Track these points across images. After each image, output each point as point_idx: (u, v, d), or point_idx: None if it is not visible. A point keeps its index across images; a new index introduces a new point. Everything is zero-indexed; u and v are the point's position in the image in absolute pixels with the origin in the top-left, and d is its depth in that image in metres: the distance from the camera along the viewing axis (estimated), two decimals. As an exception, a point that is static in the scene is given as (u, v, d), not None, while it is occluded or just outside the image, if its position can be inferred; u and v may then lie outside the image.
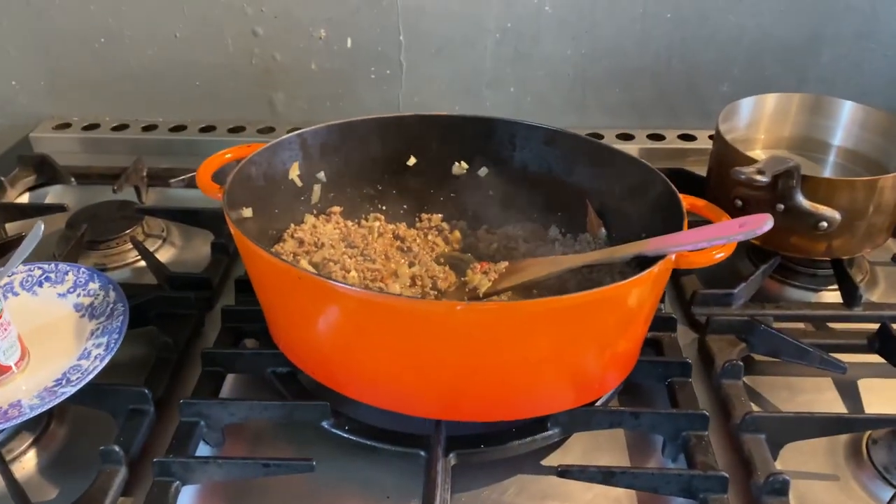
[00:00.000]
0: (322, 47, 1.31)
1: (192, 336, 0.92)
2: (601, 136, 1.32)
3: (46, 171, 1.25)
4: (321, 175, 0.97)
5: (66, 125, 1.38)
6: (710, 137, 1.30)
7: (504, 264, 0.87)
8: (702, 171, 1.18)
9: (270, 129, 1.36)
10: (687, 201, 0.79)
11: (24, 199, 1.23)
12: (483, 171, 1.00)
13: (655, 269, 0.68)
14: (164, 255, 1.11)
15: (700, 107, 1.33)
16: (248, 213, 0.86)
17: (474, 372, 0.71)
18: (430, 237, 0.99)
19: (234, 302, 0.97)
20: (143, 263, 1.04)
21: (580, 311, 0.67)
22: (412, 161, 1.00)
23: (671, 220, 0.78)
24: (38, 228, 0.74)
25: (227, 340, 0.90)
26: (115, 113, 1.39)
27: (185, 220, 1.12)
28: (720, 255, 0.71)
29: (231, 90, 1.35)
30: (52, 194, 1.24)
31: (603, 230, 0.91)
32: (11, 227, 1.14)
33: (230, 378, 0.87)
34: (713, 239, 0.67)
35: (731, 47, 1.28)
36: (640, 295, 0.70)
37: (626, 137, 1.33)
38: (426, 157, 1.00)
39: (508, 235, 0.98)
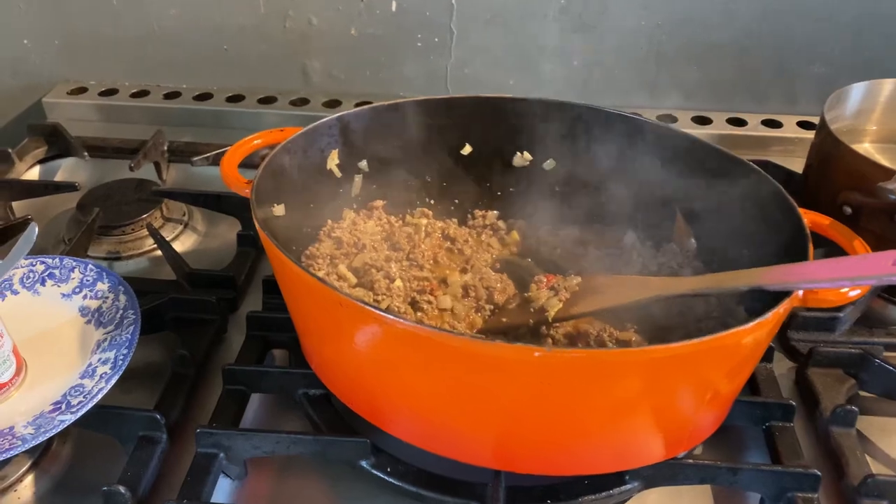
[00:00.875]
0: (363, 10, 1.17)
1: (212, 346, 0.81)
2: (674, 119, 1.18)
3: (58, 143, 1.13)
4: (363, 164, 0.84)
5: (82, 90, 1.27)
6: (800, 125, 1.16)
7: (576, 279, 0.74)
8: (788, 163, 1.03)
9: (304, 101, 1.23)
10: (807, 217, 0.65)
11: (34, 172, 1.12)
12: (549, 164, 0.86)
13: (781, 309, 0.55)
14: (185, 242, 1.00)
15: (788, 89, 1.17)
16: (279, 210, 0.74)
17: (545, 421, 0.59)
18: (483, 237, 0.86)
19: (262, 305, 0.85)
20: (161, 252, 0.93)
21: (685, 361, 0.54)
22: (467, 149, 0.87)
23: (787, 242, 0.65)
24: (32, 232, 0.63)
25: (252, 351, 0.79)
26: (135, 78, 1.27)
27: (208, 206, 1.00)
28: (856, 293, 0.58)
29: (262, 56, 1.22)
30: (64, 168, 1.13)
31: (693, 241, 0.78)
32: (19, 207, 1.03)
33: (255, 397, 0.76)
34: (859, 278, 0.53)
35: (832, 22, 1.12)
36: (757, 339, 0.57)
37: (703, 121, 1.18)
38: (483, 145, 0.86)
39: (575, 239, 0.85)
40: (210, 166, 1.08)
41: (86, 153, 1.09)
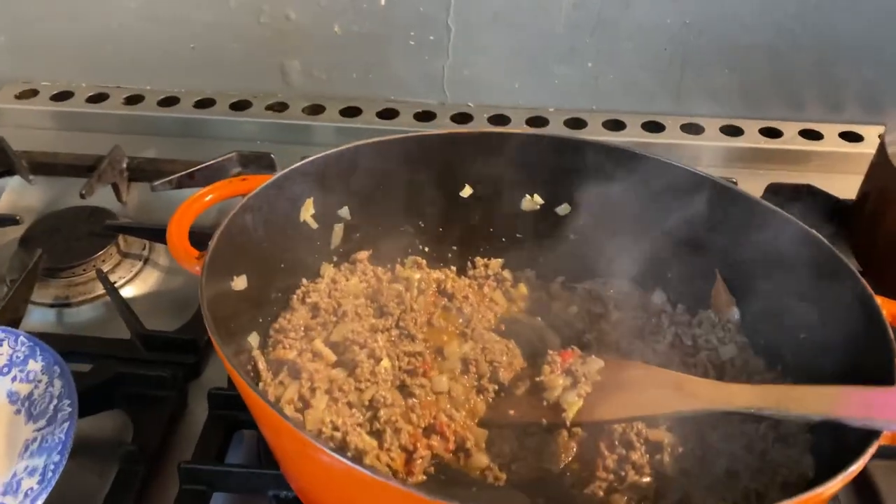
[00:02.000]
0: (348, 5, 1.02)
1: (168, 428, 0.69)
2: (701, 129, 1.04)
3: (1, 160, 0.99)
4: (344, 211, 0.72)
5: (33, 92, 1.13)
6: (843, 136, 1.03)
7: (597, 363, 0.62)
8: (830, 181, 0.91)
9: (283, 106, 1.10)
10: (887, 309, 0.53)
11: (-27, 195, 0.99)
12: (563, 209, 0.74)
13: (866, 458, 0.43)
14: (146, 282, 0.88)
15: (830, 95, 1.03)
16: (240, 283, 0.62)
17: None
18: (486, 290, 0.74)
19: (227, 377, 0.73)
20: (114, 302, 0.80)
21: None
22: (467, 191, 0.74)
23: (861, 333, 0.53)
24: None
25: (215, 436, 0.68)
26: (93, 78, 1.13)
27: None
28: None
29: (234, 56, 1.09)
30: (9, 191, 1.00)
31: (735, 311, 0.66)
32: (-48, 240, 0.90)
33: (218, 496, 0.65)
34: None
35: (885, 19, 0.97)
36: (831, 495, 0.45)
37: (733, 131, 1.04)
38: (486, 186, 0.74)
39: (594, 295, 0.73)
40: (175, 190, 0.95)
41: (31, 176, 0.95)
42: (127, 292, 0.85)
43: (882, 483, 0.64)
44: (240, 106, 1.09)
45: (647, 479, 0.58)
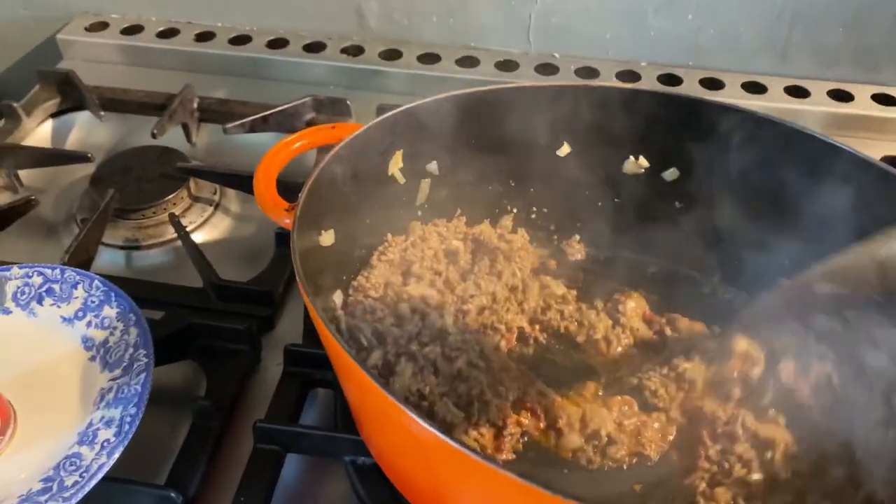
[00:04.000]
0: (433, -59, 0.96)
1: (241, 384, 0.66)
2: (806, 92, 0.96)
3: (72, 95, 0.97)
4: (432, 166, 0.67)
5: (103, 25, 1.09)
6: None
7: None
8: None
9: (358, 50, 1.04)
10: None
11: (45, 130, 0.96)
12: (671, 174, 0.67)
13: None
14: (217, 228, 0.85)
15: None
16: (328, 238, 0.58)
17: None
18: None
19: (303, 326, 0.70)
20: (185, 248, 0.78)
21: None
22: (565, 150, 0.68)
23: None
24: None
25: (289, 393, 0.65)
26: (163, 13, 1.09)
27: (243, 188, 0.83)
28: None
29: (309, -8, 1.03)
30: (79, 126, 0.97)
31: None
32: (26, 176, 0.88)
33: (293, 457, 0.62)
34: None
35: None
36: None
37: (843, 96, 0.96)
38: (586, 145, 0.68)
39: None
40: (248, 134, 0.91)
41: (102, 113, 0.93)
42: (197, 237, 0.82)
43: None
44: (313, 48, 1.04)
45: (756, 476, 0.53)
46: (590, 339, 0.63)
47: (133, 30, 1.08)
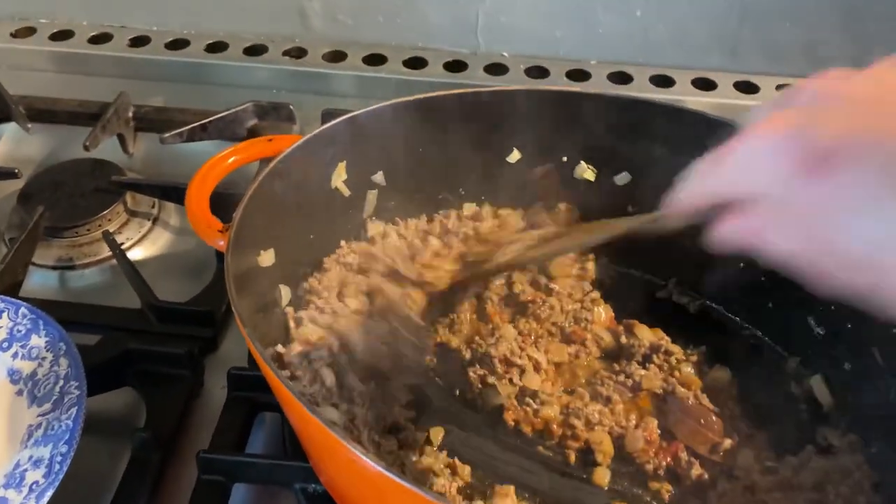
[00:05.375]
0: (376, -60, 0.93)
1: (183, 414, 0.63)
2: (756, 88, 0.96)
3: (-3, 106, 0.92)
4: (378, 177, 0.64)
5: (30, 30, 1.04)
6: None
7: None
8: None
9: (301, 52, 1.01)
10: None
11: (-34, 144, 0.91)
12: (623, 178, 0.66)
13: None
14: (155, 244, 0.81)
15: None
16: (268, 258, 0.55)
17: None
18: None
19: (248, 350, 0.67)
20: (122, 267, 0.74)
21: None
22: (514, 156, 0.66)
23: None
24: None
25: (234, 421, 0.62)
26: (95, 16, 1.04)
27: (182, 200, 0.79)
28: None
29: (249, -6, 0.99)
30: (5, 139, 0.92)
31: None
32: (-55, 194, 0.83)
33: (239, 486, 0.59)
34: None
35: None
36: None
37: (790, 92, 0.96)
38: (535, 150, 0.66)
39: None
40: (185, 144, 0.87)
41: (29, 125, 0.88)
42: (135, 254, 0.78)
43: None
44: (254, 51, 1.01)
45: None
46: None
47: (63, 35, 1.03)
